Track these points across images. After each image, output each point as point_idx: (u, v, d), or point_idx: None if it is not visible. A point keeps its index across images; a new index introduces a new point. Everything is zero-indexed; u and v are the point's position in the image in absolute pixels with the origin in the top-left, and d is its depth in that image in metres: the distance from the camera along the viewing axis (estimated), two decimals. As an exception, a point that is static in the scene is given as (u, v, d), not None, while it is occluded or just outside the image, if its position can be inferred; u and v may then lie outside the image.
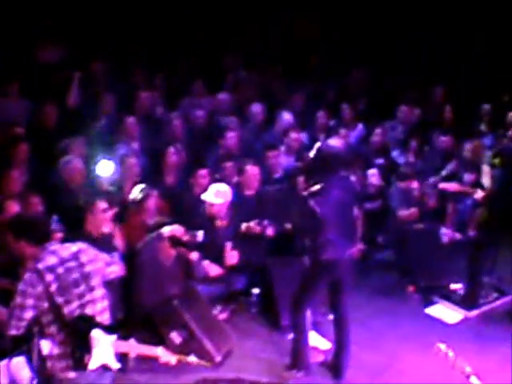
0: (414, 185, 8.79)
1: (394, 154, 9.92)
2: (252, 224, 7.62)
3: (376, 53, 12.28)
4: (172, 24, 11.97)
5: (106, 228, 6.67)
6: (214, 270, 7.32)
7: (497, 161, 8.45)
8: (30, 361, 4.72)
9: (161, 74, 10.63)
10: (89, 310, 4.58)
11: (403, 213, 8.46)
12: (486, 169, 8.30)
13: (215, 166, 8.44)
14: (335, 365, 6.44)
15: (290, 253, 7.84)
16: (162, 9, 12.03)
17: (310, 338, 6.43)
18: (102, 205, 6.56)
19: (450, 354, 4.70)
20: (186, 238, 6.86)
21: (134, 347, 4.83)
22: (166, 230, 6.73)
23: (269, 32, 12.56)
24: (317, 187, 6.10)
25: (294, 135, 9.29)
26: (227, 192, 7.45)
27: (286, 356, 6.48)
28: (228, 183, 7.86)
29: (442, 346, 4.86)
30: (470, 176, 8.85)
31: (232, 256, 7.41)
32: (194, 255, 7.04)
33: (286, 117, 9.83)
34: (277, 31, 12.62)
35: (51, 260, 4.55)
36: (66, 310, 4.48)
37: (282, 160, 8.84)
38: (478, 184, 8.62)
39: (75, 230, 6.35)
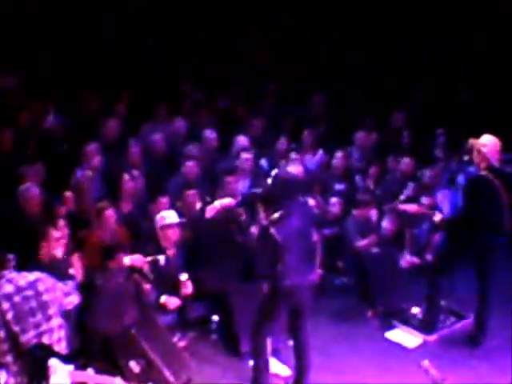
0: (372, 213, 8.86)
1: (356, 179, 9.96)
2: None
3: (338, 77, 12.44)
4: (129, 48, 12.01)
5: (59, 253, 6.59)
6: (172, 302, 7.28)
7: (453, 185, 8.56)
8: (-16, 392, 4.63)
9: (121, 100, 10.65)
10: (45, 339, 4.51)
11: (361, 243, 8.48)
12: (444, 193, 8.40)
13: (176, 194, 8.42)
14: (295, 390, 6.43)
15: (249, 279, 7.83)
16: (115, 35, 12.07)
17: (270, 364, 6.41)
18: (56, 233, 6.48)
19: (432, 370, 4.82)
20: (145, 267, 6.85)
21: (91, 377, 4.75)
22: (127, 260, 6.71)
23: (227, 57, 12.63)
24: (276, 215, 6.11)
25: (245, 155, 9.26)
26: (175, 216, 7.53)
27: (247, 383, 6.45)
28: (190, 211, 7.87)
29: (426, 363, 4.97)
30: (428, 200, 8.93)
31: (187, 286, 7.38)
32: (147, 286, 7.00)
33: (241, 140, 9.83)
34: (236, 56, 12.70)
35: (8, 288, 4.49)
36: (22, 338, 4.42)
37: (240, 185, 8.83)
38: (434, 208, 8.72)
39: (28, 257, 6.25)
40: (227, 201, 7.92)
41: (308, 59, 12.78)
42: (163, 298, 7.22)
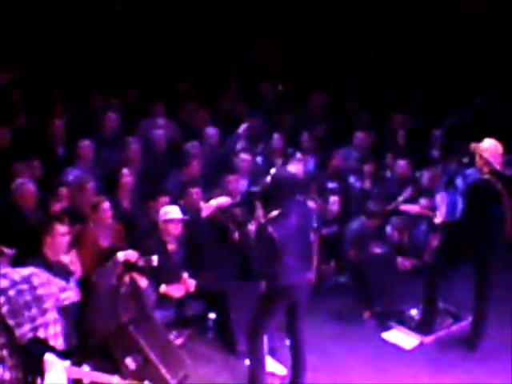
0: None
1: (351, 180, 9.96)
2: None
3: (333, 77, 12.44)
4: (128, 49, 12.04)
5: (66, 257, 6.59)
6: (176, 291, 7.27)
7: (451, 187, 8.52)
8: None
9: (116, 98, 10.67)
10: (41, 333, 4.49)
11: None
12: (442, 195, 8.37)
13: (178, 192, 8.39)
14: (292, 390, 6.41)
15: (247, 278, 7.82)
16: (117, 33, 12.09)
17: (266, 363, 6.39)
18: (62, 228, 6.47)
19: None
20: (140, 263, 6.81)
21: (87, 374, 4.73)
22: (120, 256, 6.69)
23: (225, 58, 12.65)
24: (274, 213, 6.09)
25: (243, 156, 9.30)
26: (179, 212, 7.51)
27: (243, 381, 6.44)
28: (193, 209, 7.90)
29: None
30: (426, 202, 8.92)
31: (189, 284, 7.37)
32: (143, 282, 6.94)
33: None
34: (234, 56, 12.71)
35: (2, 283, 4.46)
36: (17, 332, 4.39)
37: (241, 184, 8.83)
38: (433, 209, 8.70)
39: (30, 253, 6.24)
40: (223, 200, 7.91)
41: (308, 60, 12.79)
42: (163, 288, 7.20)
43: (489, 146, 7.16)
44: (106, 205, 7.47)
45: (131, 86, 11.31)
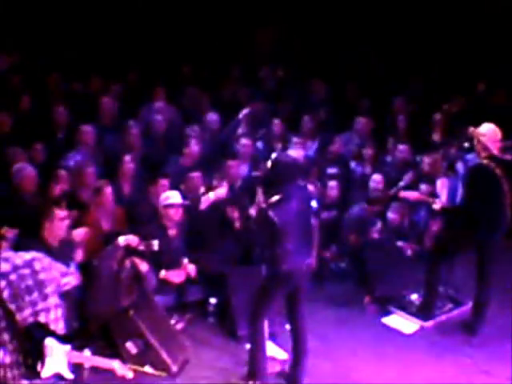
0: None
1: (352, 165, 9.94)
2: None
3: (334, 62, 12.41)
4: (130, 33, 12.01)
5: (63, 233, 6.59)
6: (175, 276, 7.28)
7: (452, 172, 8.52)
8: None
9: (117, 83, 10.64)
10: (42, 318, 4.49)
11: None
12: (443, 181, 8.37)
13: (178, 176, 8.38)
14: (292, 375, 6.41)
15: (247, 262, 7.83)
16: (119, 18, 12.07)
17: (266, 347, 6.40)
18: (61, 212, 6.48)
19: None
20: (141, 247, 6.82)
21: (88, 358, 4.74)
22: (121, 240, 6.69)
23: (227, 41, 12.63)
24: (275, 198, 6.08)
25: (244, 141, 9.28)
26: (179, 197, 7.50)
27: (243, 366, 6.44)
28: (194, 194, 7.89)
29: None
30: (427, 187, 8.90)
31: (189, 269, 7.38)
32: (144, 267, 6.94)
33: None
34: (235, 40, 12.68)
35: (4, 267, 4.46)
36: (18, 317, 4.39)
37: (242, 170, 8.82)
38: (433, 195, 8.70)
39: (30, 237, 6.25)
40: (221, 192, 7.90)
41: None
42: (163, 273, 7.22)
43: (487, 131, 7.13)
44: (109, 189, 7.51)
45: (132, 71, 11.28)
